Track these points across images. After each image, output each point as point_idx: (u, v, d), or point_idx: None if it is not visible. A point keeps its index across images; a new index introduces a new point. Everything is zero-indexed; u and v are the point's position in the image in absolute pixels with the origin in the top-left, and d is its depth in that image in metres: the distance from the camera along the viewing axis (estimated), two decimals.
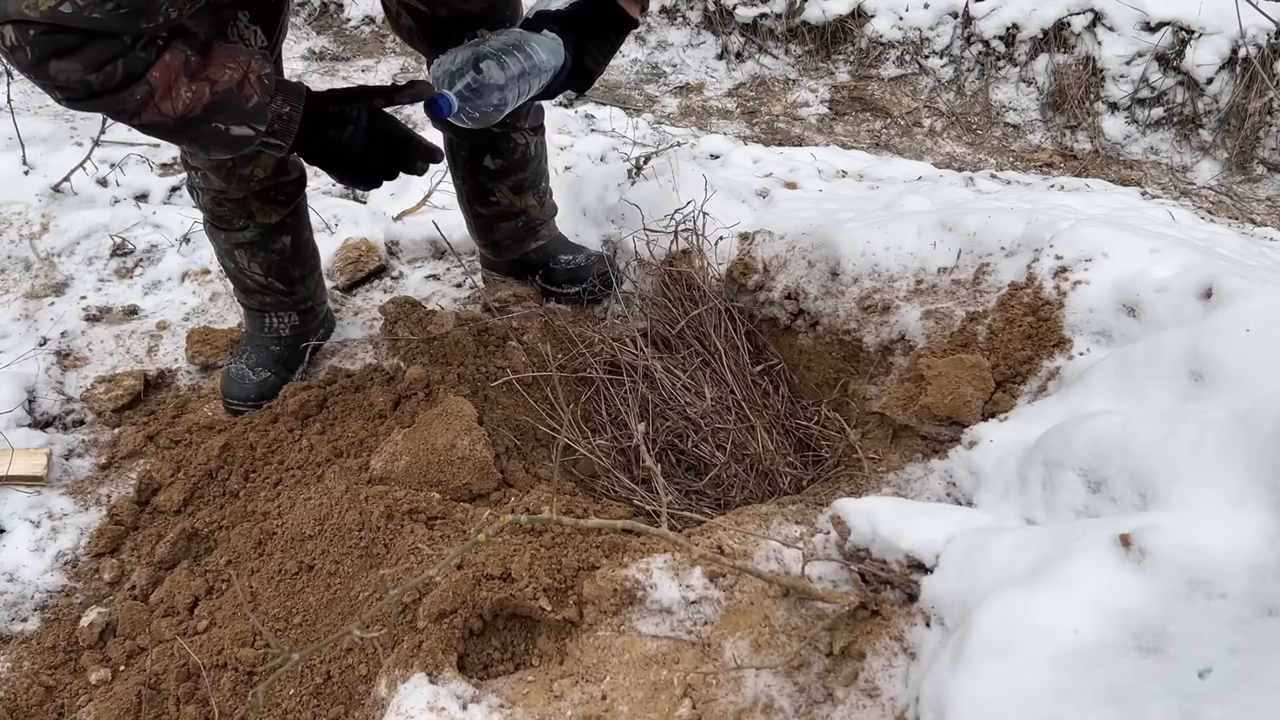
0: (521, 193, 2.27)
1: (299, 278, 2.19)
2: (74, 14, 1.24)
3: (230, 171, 1.90)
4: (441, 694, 1.32)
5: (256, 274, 2.12)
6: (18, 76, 3.51)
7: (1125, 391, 1.37)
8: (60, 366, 2.35)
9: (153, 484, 1.97)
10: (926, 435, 1.67)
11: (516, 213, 2.29)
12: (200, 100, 1.40)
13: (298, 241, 2.14)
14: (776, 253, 2.13)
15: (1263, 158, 3.58)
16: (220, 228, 2.05)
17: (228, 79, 1.42)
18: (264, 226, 2.05)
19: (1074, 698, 0.93)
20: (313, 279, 2.25)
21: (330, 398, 2.07)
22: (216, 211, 2.01)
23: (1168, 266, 1.54)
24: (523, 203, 2.28)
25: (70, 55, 1.28)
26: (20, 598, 1.82)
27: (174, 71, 1.36)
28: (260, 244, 2.08)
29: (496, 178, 2.22)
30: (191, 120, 1.41)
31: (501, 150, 2.18)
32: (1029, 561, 1.10)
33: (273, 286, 2.15)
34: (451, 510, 1.70)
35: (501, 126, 1.98)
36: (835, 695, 1.23)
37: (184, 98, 1.38)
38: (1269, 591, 0.93)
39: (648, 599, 1.39)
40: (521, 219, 2.31)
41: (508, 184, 2.23)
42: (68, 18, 1.24)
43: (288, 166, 2.01)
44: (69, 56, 1.28)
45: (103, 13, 1.26)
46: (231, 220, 2.02)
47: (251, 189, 1.96)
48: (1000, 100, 3.98)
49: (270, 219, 2.04)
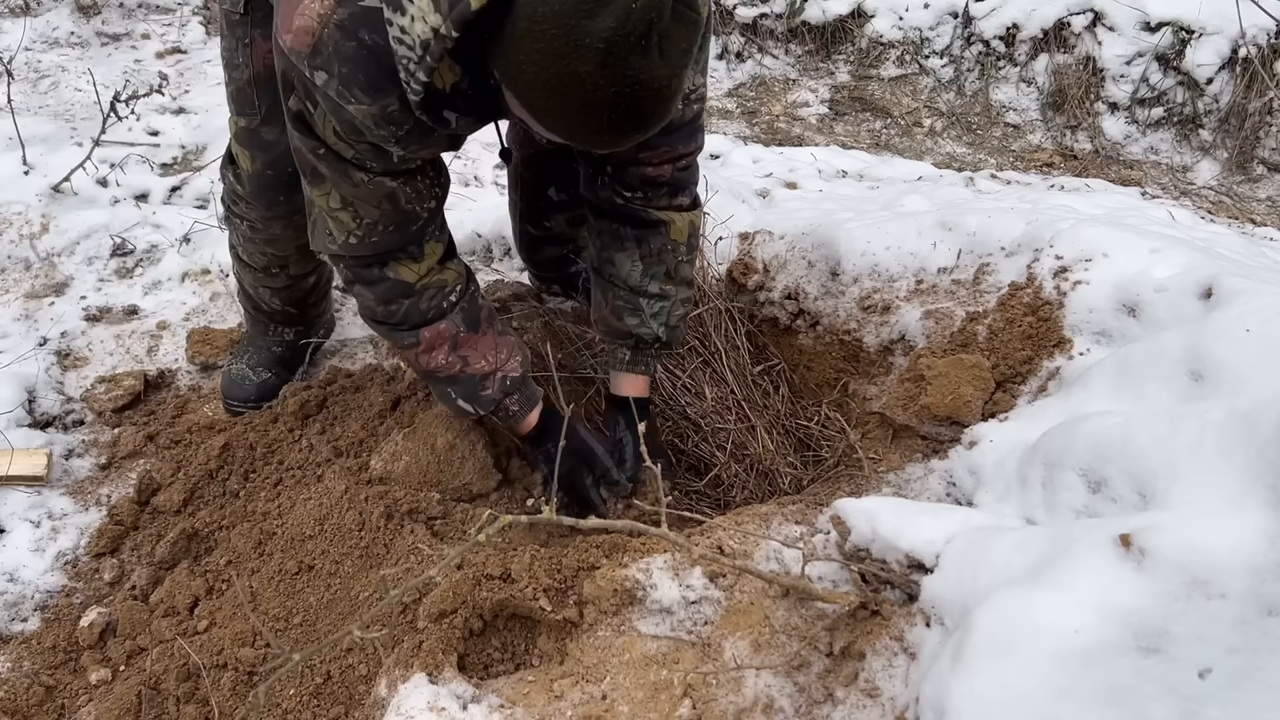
0: (576, 225, 2.20)
1: (314, 303, 2.23)
2: (361, 245, 1.52)
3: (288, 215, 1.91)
4: (442, 694, 1.32)
5: (275, 304, 2.15)
6: (17, 76, 3.51)
7: (1125, 391, 1.36)
8: (60, 366, 2.35)
9: (153, 484, 1.97)
10: (926, 435, 1.67)
11: (565, 240, 2.25)
12: (449, 369, 1.66)
13: (320, 278, 2.19)
14: (776, 253, 2.13)
15: (1263, 158, 3.58)
16: (253, 267, 2.07)
17: (478, 367, 1.67)
18: (296, 275, 2.10)
19: (1074, 698, 0.93)
20: (325, 301, 2.28)
21: (330, 398, 2.07)
22: (252, 254, 2.04)
23: (1168, 266, 1.54)
24: (574, 233, 2.23)
25: (369, 286, 1.58)
26: (20, 598, 1.82)
27: (441, 339, 1.63)
28: (289, 287, 2.12)
29: (556, 208, 2.16)
30: (435, 378, 1.70)
31: (570, 186, 2.07)
32: (1029, 561, 1.10)
33: (286, 311, 2.18)
34: (451, 510, 1.70)
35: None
36: (835, 695, 1.23)
37: (438, 361, 1.65)
38: (1269, 591, 0.93)
39: (648, 599, 1.39)
40: (569, 246, 2.27)
41: (565, 216, 2.17)
42: (359, 249, 1.53)
43: None
44: (369, 287, 1.58)
45: (380, 235, 1.52)
46: (268, 268, 2.06)
47: (295, 237, 1.98)
48: (1000, 100, 3.98)
49: (304, 269, 2.09)
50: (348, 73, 1.28)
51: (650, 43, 1.10)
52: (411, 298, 1.58)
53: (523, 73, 1.13)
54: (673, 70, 1.15)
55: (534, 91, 1.14)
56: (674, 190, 1.67)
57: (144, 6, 4.12)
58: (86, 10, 3.97)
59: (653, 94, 1.14)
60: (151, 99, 3.18)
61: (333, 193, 1.48)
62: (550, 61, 1.10)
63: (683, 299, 1.78)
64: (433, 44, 1.18)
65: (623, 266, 1.73)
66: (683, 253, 1.73)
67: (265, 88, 1.74)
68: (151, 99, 3.18)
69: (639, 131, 1.21)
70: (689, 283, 1.78)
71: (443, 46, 1.18)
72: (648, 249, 1.70)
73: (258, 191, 1.88)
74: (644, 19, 1.08)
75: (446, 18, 1.15)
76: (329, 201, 1.50)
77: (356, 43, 1.26)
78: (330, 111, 1.35)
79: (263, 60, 1.71)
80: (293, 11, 1.28)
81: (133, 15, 4.08)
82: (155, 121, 3.32)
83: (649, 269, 1.72)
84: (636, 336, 1.78)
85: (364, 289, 1.59)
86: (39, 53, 3.74)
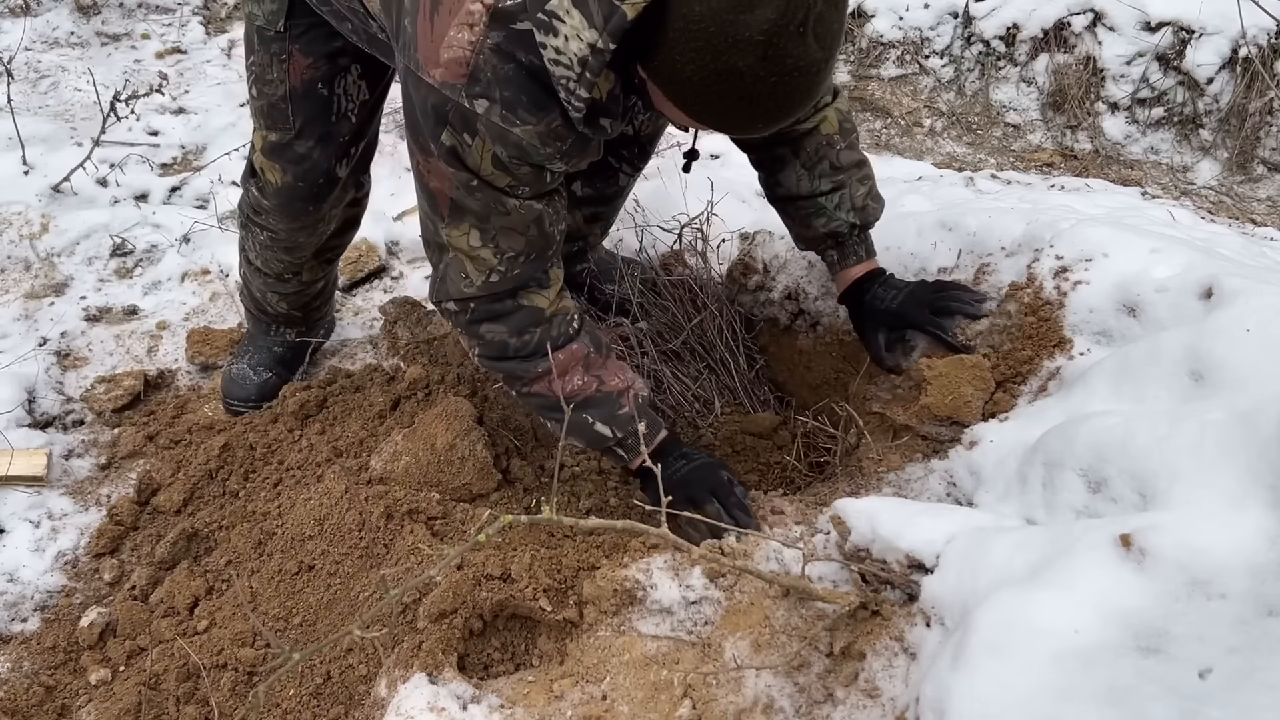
0: (593, 222, 2.21)
1: (318, 306, 2.24)
2: (501, 280, 1.49)
3: (314, 224, 1.95)
4: (441, 694, 1.32)
5: (281, 307, 2.17)
6: (17, 76, 3.51)
7: (1125, 391, 1.36)
8: (60, 366, 2.35)
9: (153, 484, 1.97)
10: (927, 435, 1.67)
11: (577, 237, 2.23)
12: (586, 390, 1.60)
13: (328, 284, 2.21)
14: (776, 253, 2.13)
15: (1263, 158, 3.58)
16: (265, 273, 2.08)
17: (614, 385, 1.62)
18: (307, 282, 2.12)
19: (1074, 698, 0.92)
20: (329, 304, 2.29)
21: (330, 398, 2.07)
22: (267, 260, 2.05)
23: (1168, 266, 1.54)
24: (588, 230, 2.23)
25: (501, 319, 1.54)
26: (20, 598, 1.82)
27: (576, 360, 1.59)
28: (298, 292, 2.14)
29: (578, 203, 2.12)
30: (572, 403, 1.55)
31: (596, 182, 2.08)
32: (1029, 561, 1.10)
33: (290, 314, 2.19)
34: (451, 510, 1.70)
35: (619, 162, 2.01)
36: (835, 695, 1.23)
37: (574, 383, 1.59)
38: (1269, 592, 0.93)
39: (648, 599, 1.39)
40: (579, 243, 2.26)
41: (584, 212, 2.15)
42: (498, 285, 1.50)
43: (347, 224, 2.06)
44: (500, 320, 1.54)
45: (520, 267, 1.49)
46: (281, 274, 2.08)
47: (317, 244, 2.02)
48: (1000, 100, 3.97)
49: (316, 275, 2.12)
50: (510, 96, 1.27)
51: (807, 29, 1.10)
52: (543, 325, 1.56)
53: (679, 72, 1.13)
54: (828, 53, 1.14)
55: (691, 88, 1.14)
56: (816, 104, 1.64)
57: (144, 6, 4.12)
58: (86, 10, 3.97)
59: (810, 79, 1.14)
60: (151, 99, 3.18)
61: (472, 232, 1.45)
62: (710, 59, 1.10)
63: (859, 179, 1.73)
64: (590, 60, 1.17)
65: (790, 182, 1.71)
66: (838, 142, 1.70)
67: (300, 103, 1.75)
68: (151, 99, 3.18)
69: (792, 115, 1.21)
70: (858, 163, 1.74)
71: (601, 61, 1.17)
72: (806, 155, 1.69)
73: (285, 204, 1.89)
74: (801, 5, 1.08)
75: (603, 32, 1.14)
76: (468, 241, 1.46)
77: (515, 64, 1.25)
78: (495, 139, 1.32)
79: (300, 76, 1.73)
80: (437, 46, 1.26)
81: (133, 15, 4.08)
82: (155, 121, 3.32)
83: (813, 172, 1.70)
84: (833, 235, 1.75)
85: (494, 325, 1.55)
86: (39, 53, 3.74)
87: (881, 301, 1.73)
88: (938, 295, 1.71)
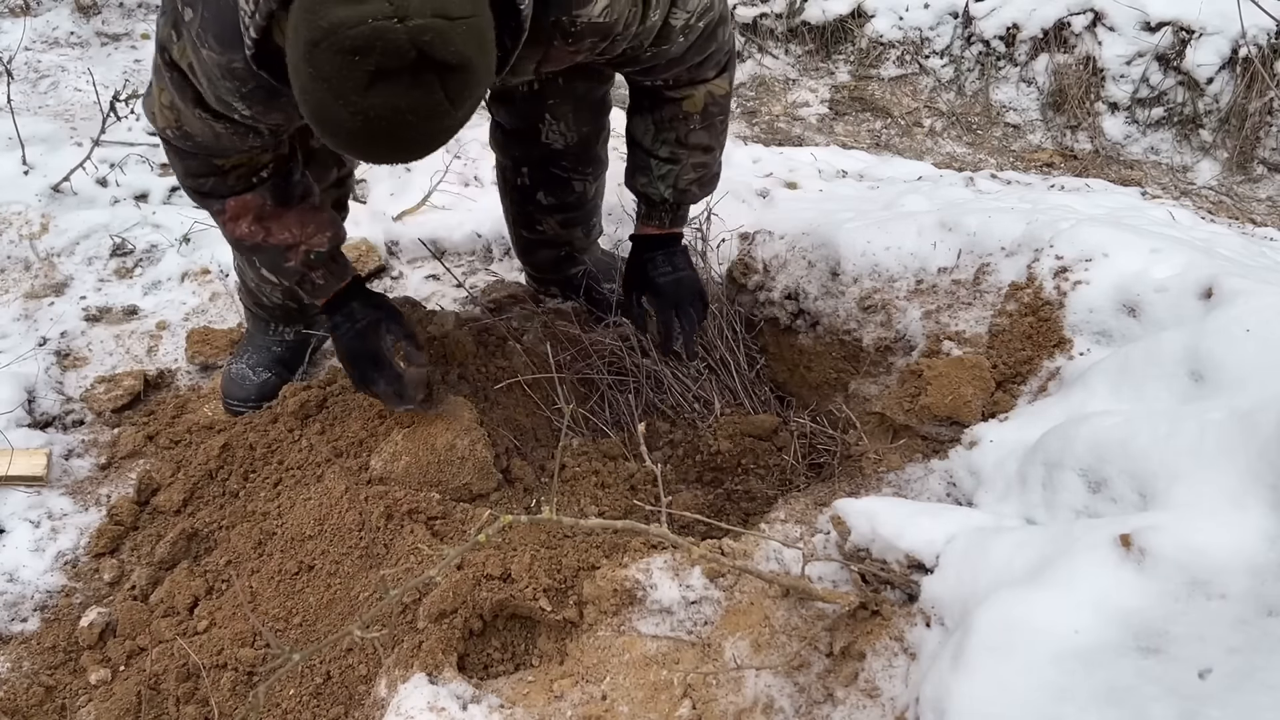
0: (569, 227, 2.22)
1: None
2: (174, 139, 1.57)
3: None
4: (441, 694, 1.32)
5: (276, 298, 2.14)
6: (17, 76, 3.51)
7: (1125, 391, 1.36)
8: (60, 366, 2.35)
9: (153, 484, 1.97)
10: (926, 435, 1.67)
11: (561, 243, 2.24)
12: (252, 239, 1.70)
13: None
14: (776, 253, 2.13)
15: (1263, 158, 3.58)
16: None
17: (279, 240, 1.70)
18: None
19: (1074, 698, 0.93)
20: None
21: (330, 398, 2.06)
22: None
23: (1168, 266, 1.54)
24: (569, 235, 2.23)
25: (180, 158, 1.62)
26: (20, 598, 1.82)
27: (247, 209, 1.67)
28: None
29: (546, 211, 2.17)
30: (241, 246, 1.76)
31: (557, 191, 2.14)
32: (1029, 562, 1.10)
33: (287, 307, 2.16)
34: (451, 510, 1.70)
35: (565, 173, 2.09)
36: (835, 695, 1.23)
37: (242, 230, 1.69)
38: (1269, 592, 0.93)
39: (648, 599, 1.39)
40: (565, 248, 2.26)
41: (556, 218, 2.19)
42: (168, 139, 1.58)
43: (335, 206, 2.06)
44: (179, 159, 1.62)
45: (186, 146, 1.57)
46: None
47: None
48: (1000, 100, 3.98)
49: None
50: (209, 17, 1.30)
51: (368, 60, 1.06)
52: (217, 175, 1.62)
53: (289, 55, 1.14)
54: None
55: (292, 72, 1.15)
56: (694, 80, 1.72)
57: (144, 6, 4.12)
58: (86, 10, 3.97)
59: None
60: None
61: (163, 94, 1.51)
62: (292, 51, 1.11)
63: (695, 164, 1.82)
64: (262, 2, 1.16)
65: (637, 128, 1.82)
66: (696, 121, 1.77)
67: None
68: None
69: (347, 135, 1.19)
70: (704, 148, 1.82)
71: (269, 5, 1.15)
72: (660, 115, 1.77)
73: None
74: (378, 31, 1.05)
75: None
76: (161, 96, 1.52)
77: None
78: (191, 50, 1.36)
79: None
80: None
81: (133, 15, 4.08)
82: None
83: (659, 134, 1.79)
84: (646, 196, 1.88)
85: (176, 160, 1.62)
86: (39, 53, 3.74)
87: (653, 269, 1.91)
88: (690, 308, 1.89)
